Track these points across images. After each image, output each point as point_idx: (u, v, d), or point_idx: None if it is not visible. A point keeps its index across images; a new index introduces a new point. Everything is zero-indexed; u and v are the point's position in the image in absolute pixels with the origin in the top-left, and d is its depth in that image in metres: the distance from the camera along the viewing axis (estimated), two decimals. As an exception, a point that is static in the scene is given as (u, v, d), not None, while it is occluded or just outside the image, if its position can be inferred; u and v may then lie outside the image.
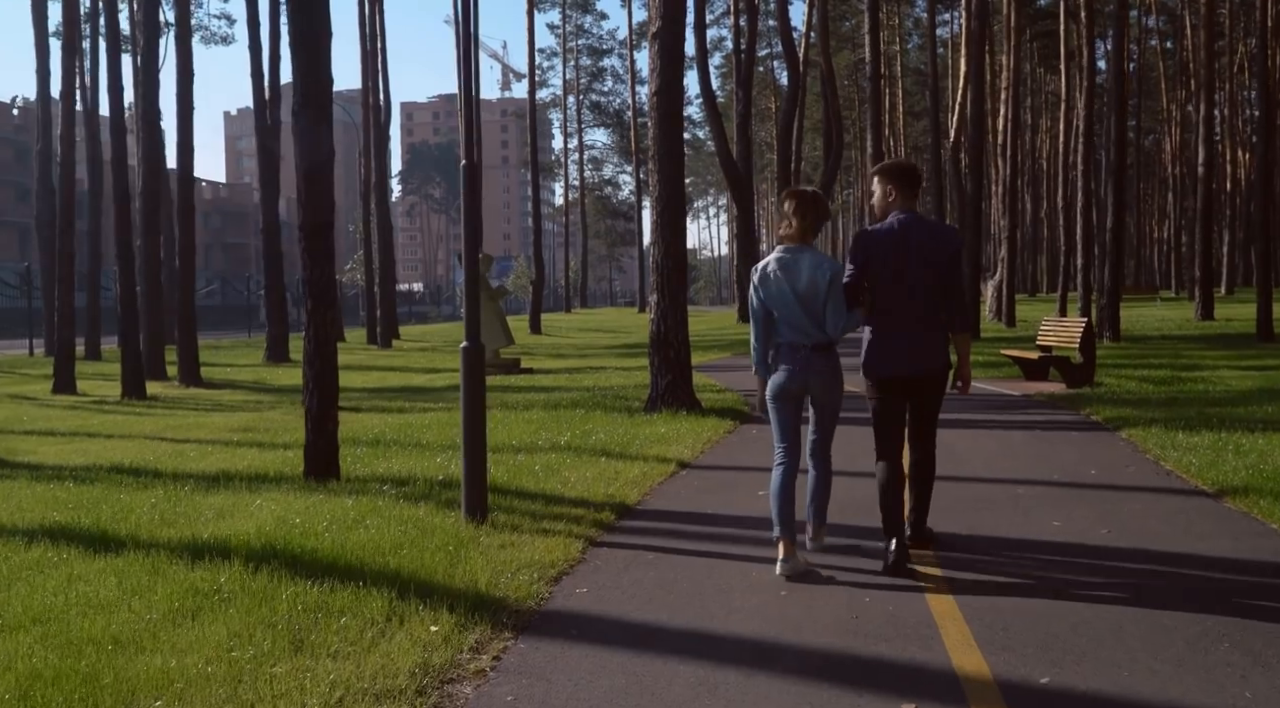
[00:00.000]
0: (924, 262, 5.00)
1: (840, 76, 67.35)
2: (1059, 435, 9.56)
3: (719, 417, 11.56)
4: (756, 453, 9.09)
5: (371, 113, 36.58)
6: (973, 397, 13.91)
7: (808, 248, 5.17)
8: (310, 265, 7.91)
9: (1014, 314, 33.10)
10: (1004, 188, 33.73)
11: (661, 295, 12.40)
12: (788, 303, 5.09)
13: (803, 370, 5.13)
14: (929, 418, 5.27)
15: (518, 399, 14.49)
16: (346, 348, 35.46)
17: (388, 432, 11.44)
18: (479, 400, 6.37)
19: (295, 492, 7.42)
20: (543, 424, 11.38)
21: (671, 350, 12.35)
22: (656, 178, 12.42)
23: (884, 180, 5.22)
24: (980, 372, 16.94)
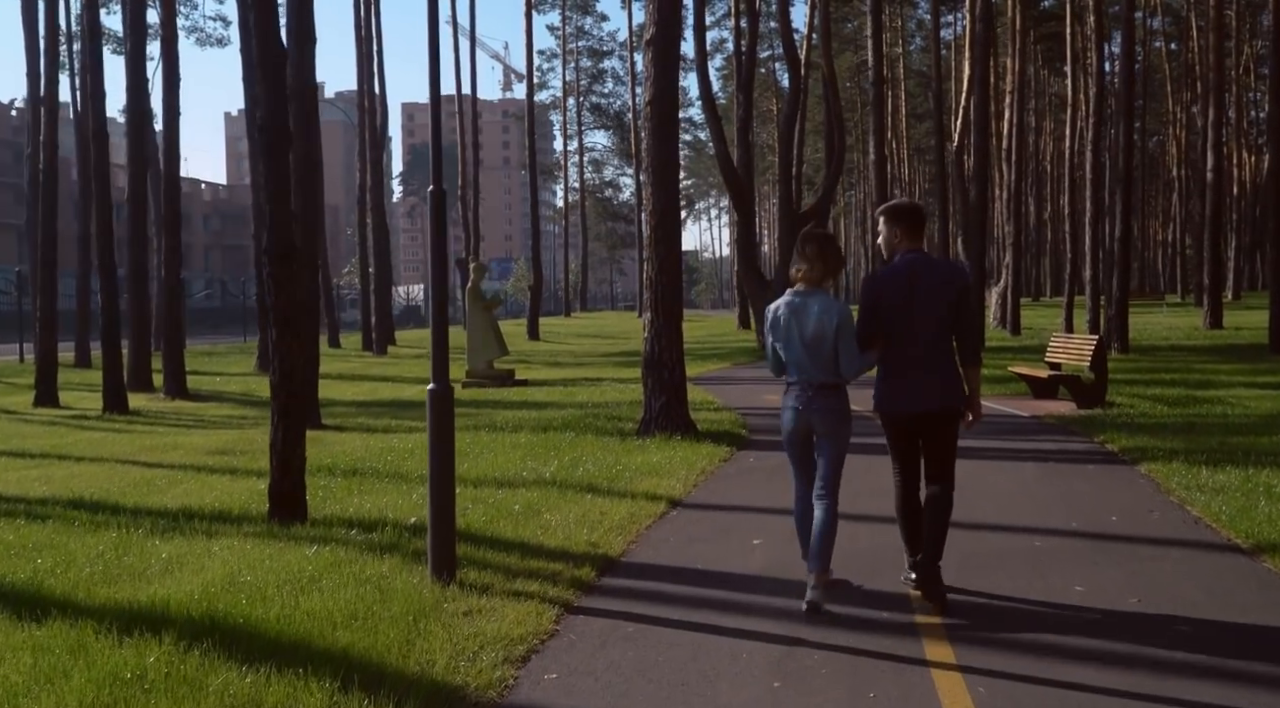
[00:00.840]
0: (932, 300, 5.07)
1: (842, 78, 66.80)
2: (1074, 470, 9.02)
3: (714, 442, 11.03)
4: (752, 487, 8.57)
5: (367, 116, 36.01)
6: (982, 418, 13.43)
7: (819, 292, 5.21)
8: (276, 292, 7.38)
9: (1019, 322, 32.58)
10: (1008, 193, 33.20)
11: (655, 314, 11.88)
12: (794, 346, 5.19)
13: (806, 409, 5.20)
14: (945, 455, 5.25)
15: (508, 418, 13.97)
16: (341, 355, 34.98)
17: (368, 457, 10.91)
18: (447, 450, 5.84)
19: (255, 537, 6.90)
20: (530, 450, 10.86)
21: (666, 372, 11.83)
22: (651, 190, 11.90)
23: (890, 221, 5.27)
24: (987, 388, 16.40)
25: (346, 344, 38.73)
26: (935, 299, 5.07)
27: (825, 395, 5.18)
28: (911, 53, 73.55)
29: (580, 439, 11.60)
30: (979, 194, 26.79)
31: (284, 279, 7.38)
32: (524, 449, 10.99)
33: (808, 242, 5.26)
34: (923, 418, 5.17)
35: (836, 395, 5.22)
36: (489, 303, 21.40)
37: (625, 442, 11.29)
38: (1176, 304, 48.67)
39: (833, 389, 5.20)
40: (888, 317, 5.15)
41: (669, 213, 11.87)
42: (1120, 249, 21.79)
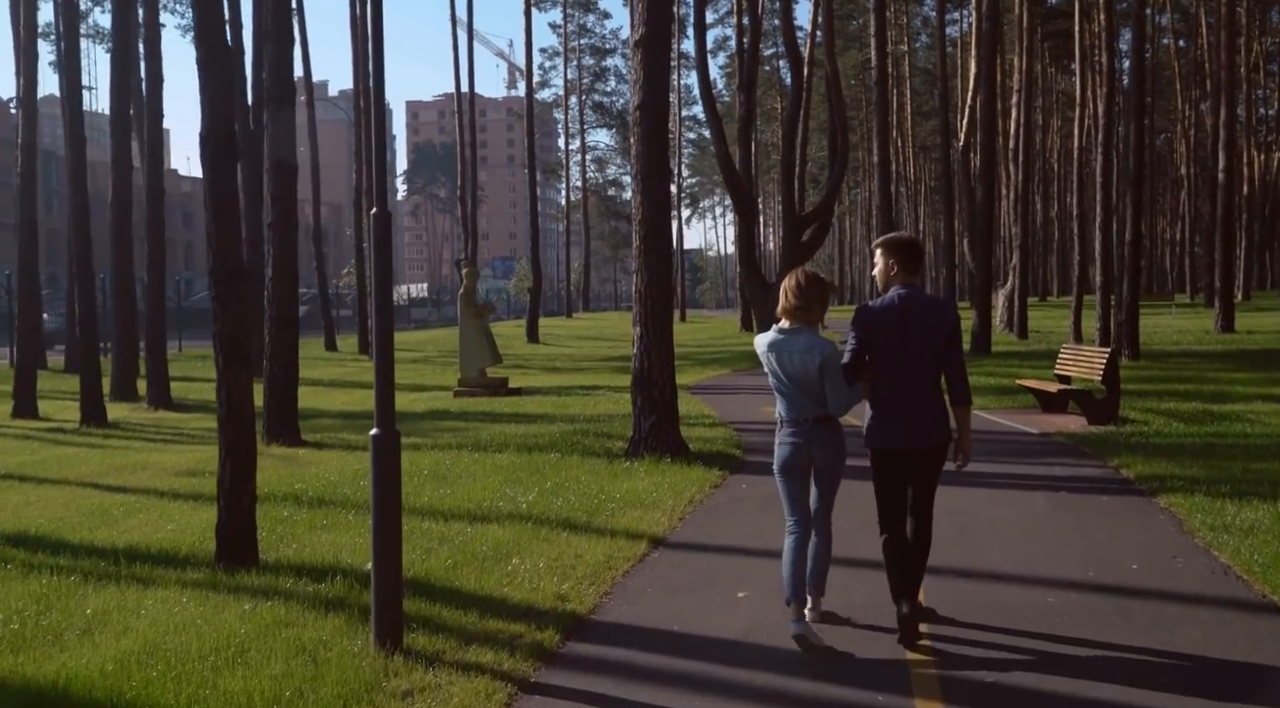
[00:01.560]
0: (924, 336, 5.07)
1: (847, 77, 66.16)
2: (1087, 502, 8.41)
3: (706, 465, 10.43)
4: (742, 521, 7.97)
5: (364, 114, 35.40)
6: (989, 436, 12.84)
7: (805, 329, 5.15)
8: (222, 316, 6.80)
9: (1026, 325, 31.93)
10: (1015, 193, 32.56)
11: (645, 328, 11.29)
12: (782, 382, 5.20)
13: (806, 443, 5.18)
14: (926, 492, 5.27)
15: (493, 435, 13.39)
16: (336, 359, 34.43)
17: (341, 480, 10.33)
18: (391, 507, 5.24)
19: (195, 587, 6.32)
20: (511, 474, 10.28)
21: (656, 390, 11.24)
22: (640, 199, 11.30)
23: (886, 254, 5.25)
24: (993, 399, 15.82)
25: (343, 347, 38.17)
26: (928, 336, 5.06)
27: (824, 429, 5.17)
28: (917, 50, 72.92)
29: (566, 461, 11.02)
30: (985, 194, 26.18)
31: (231, 301, 6.80)
32: (505, 473, 10.41)
33: (797, 277, 5.19)
34: (913, 454, 5.15)
35: (834, 428, 5.22)
36: (481, 309, 20.82)
37: (613, 464, 10.70)
38: (1185, 304, 47.96)
39: (829, 423, 5.19)
40: (879, 351, 5.13)
41: (659, 223, 11.28)
42: (1130, 252, 21.15)
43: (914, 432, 5.10)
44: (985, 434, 12.57)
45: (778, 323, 5.20)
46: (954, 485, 9.13)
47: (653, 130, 11.20)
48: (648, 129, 11.19)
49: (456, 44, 42.80)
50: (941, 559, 6.57)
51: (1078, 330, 29.26)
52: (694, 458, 10.88)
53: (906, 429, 5.10)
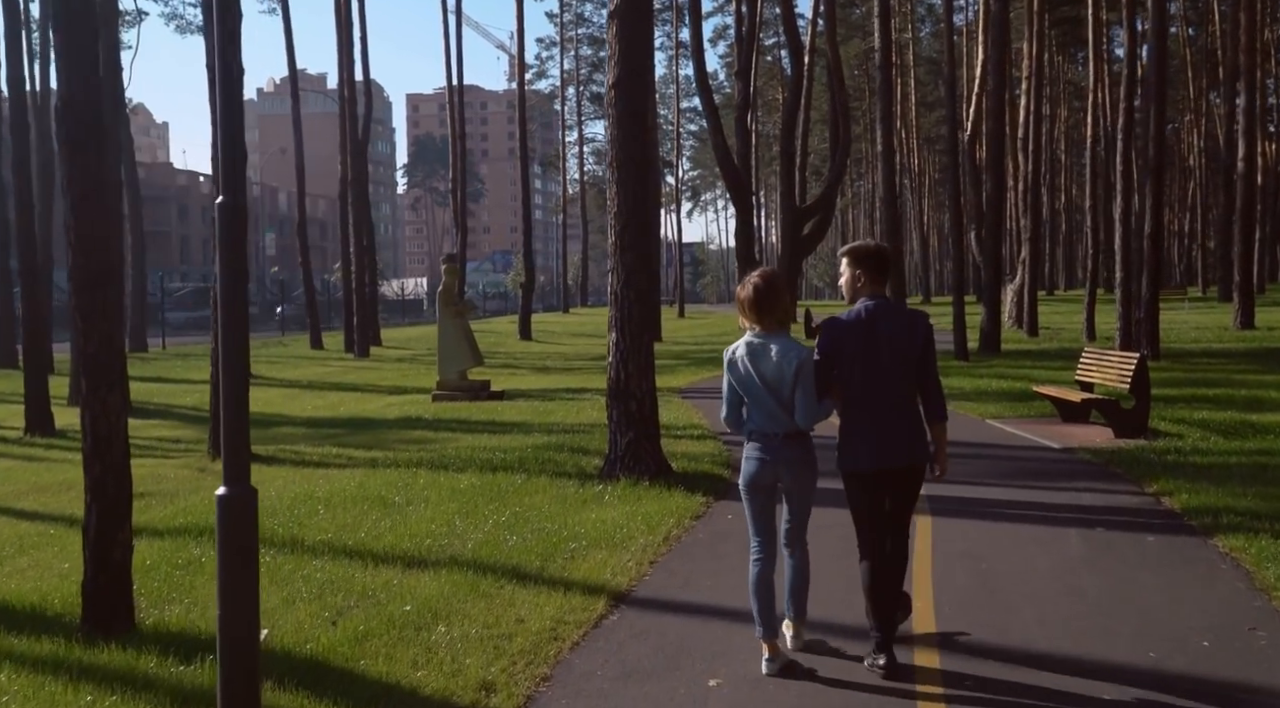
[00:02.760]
0: (894, 350, 4.85)
1: (850, 66, 64.85)
2: (1130, 544, 7.15)
3: (688, 490, 9.20)
4: (723, 567, 6.75)
5: (348, 104, 34.20)
6: (1006, 450, 11.61)
7: (780, 333, 4.92)
8: (84, 330, 5.58)
9: (1036, 321, 30.68)
10: (1024, 185, 31.28)
11: (621, 334, 10.06)
12: (755, 390, 4.91)
13: (773, 460, 4.93)
14: (902, 512, 5.01)
15: (460, 450, 12.16)
16: (320, 358, 33.27)
17: (278, 507, 9.11)
18: (246, 591, 4.01)
19: (39, 667, 5.11)
20: (468, 501, 9.05)
21: (634, 403, 10.01)
22: (616, 189, 10.06)
23: (852, 263, 4.99)
24: (1008, 407, 14.58)
25: (329, 345, 36.99)
26: (898, 349, 4.85)
27: (793, 445, 4.91)
28: (922, 39, 71.61)
29: (532, 483, 9.79)
30: (994, 185, 24.91)
31: (94, 312, 5.58)
32: (462, 499, 9.19)
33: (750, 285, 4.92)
34: (890, 474, 4.90)
35: (804, 445, 4.96)
36: (461, 307, 19.59)
37: (584, 488, 9.48)
38: (1198, 299, 46.62)
39: (799, 438, 4.93)
40: (848, 366, 4.88)
41: (636, 216, 10.04)
42: (1150, 246, 19.87)
43: (888, 451, 4.84)
44: (1003, 450, 11.33)
45: (749, 330, 4.95)
46: (973, 517, 7.91)
47: (630, 111, 9.96)
48: (624, 110, 9.95)
49: (448, 32, 41.53)
50: (965, 622, 5.37)
51: (1091, 327, 28.02)
52: (676, 480, 9.66)
53: (880, 449, 4.84)
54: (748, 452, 5.02)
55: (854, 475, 4.94)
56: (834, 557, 6.34)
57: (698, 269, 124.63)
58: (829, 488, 5.34)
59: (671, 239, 79.00)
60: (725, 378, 5.05)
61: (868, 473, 4.88)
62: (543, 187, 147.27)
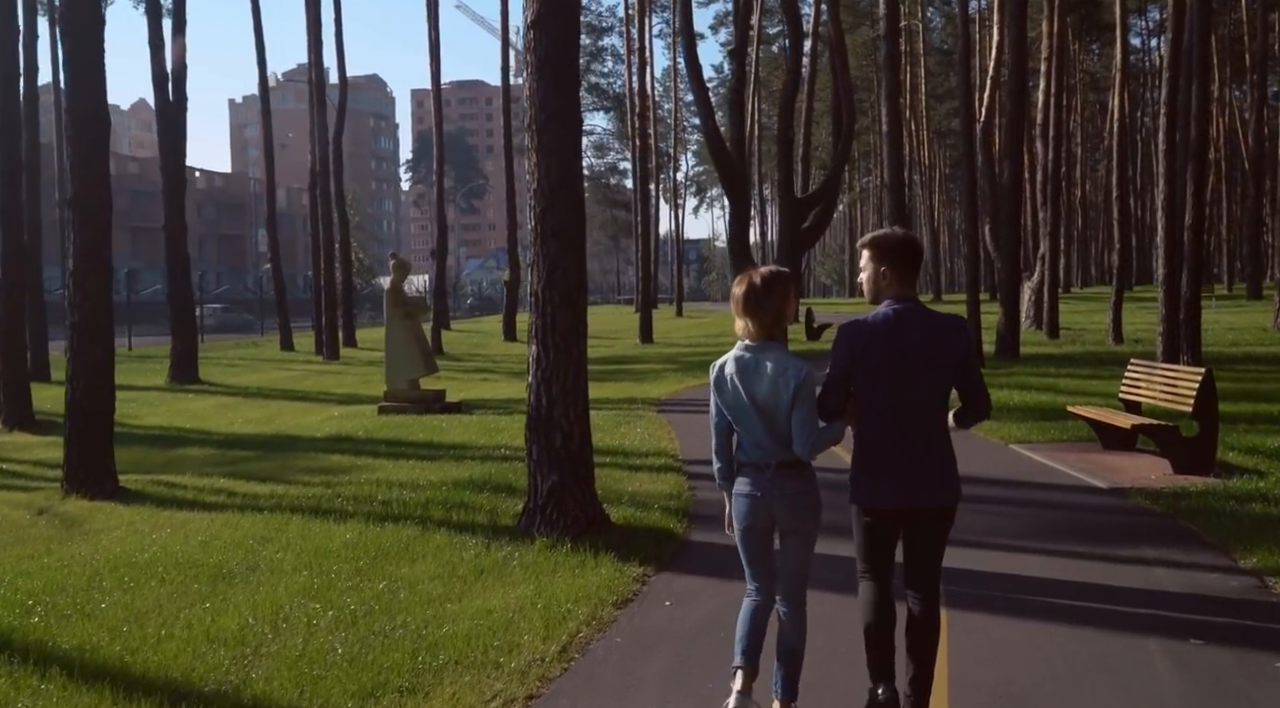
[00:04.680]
0: (927, 363, 3.95)
1: (857, 55, 62.43)
2: (1244, 666, 4.81)
3: (622, 555, 6.92)
4: (643, 697, 4.47)
5: (316, 90, 32.02)
6: (1039, 492, 9.21)
7: (773, 345, 4.11)
8: None
9: (1057, 322, 28.31)
10: (1044, 175, 28.91)
11: (541, 348, 7.77)
12: (746, 414, 4.13)
13: (766, 496, 4.13)
14: (932, 559, 4.10)
15: (361, 487, 9.91)
16: (285, 360, 31.10)
17: (65, 588, 6.86)
18: None
19: None
20: (322, 574, 6.78)
21: (558, 436, 7.71)
22: (536, 159, 7.76)
23: (875, 256, 4.07)
24: (1035, 428, 12.24)
25: (300, 346, 34.80)
26: (932, 363, 3.97)
27: (790, 477, 4.11)
28: (932, 28, 69.14)
29: (423, 542, 7.52)
30: (1012, 174, 22.56)
31: None
32: (322, 567, 6.94)
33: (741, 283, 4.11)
34: (911, 516, 4.05)
35: (803, 477, 4.14)
36: (412, 308, 17.34)
37: (486, 551, 7.21)
38: (1224, 296, 44.13)
39: (797, 469, 4.12)
40: (868, 382, 4.01)
41: (564, 193, 7.74)
42: (1192, 238, 17.50)
43: (912, 487, 4.01)
44: (1035, 490, 9.01)
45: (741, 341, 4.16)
46: (1004, 611, 5.57)
47: (554, 57, 7.67)
48: (546, 55, 7.65)
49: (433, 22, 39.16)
50: None
51: (1117, 329, 25.68)
52: (610, 538, 7.38)
53: (902, 484, 4.01)
54: (737, 487, 4.25)
55: (867, 513, 4.11)
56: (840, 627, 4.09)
57: (702, 266, 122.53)
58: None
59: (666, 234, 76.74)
60: (712, 400, 4.27)
61: (884, 512, 4.08)
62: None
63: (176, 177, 23.59)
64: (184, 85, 23.84)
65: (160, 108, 23.59)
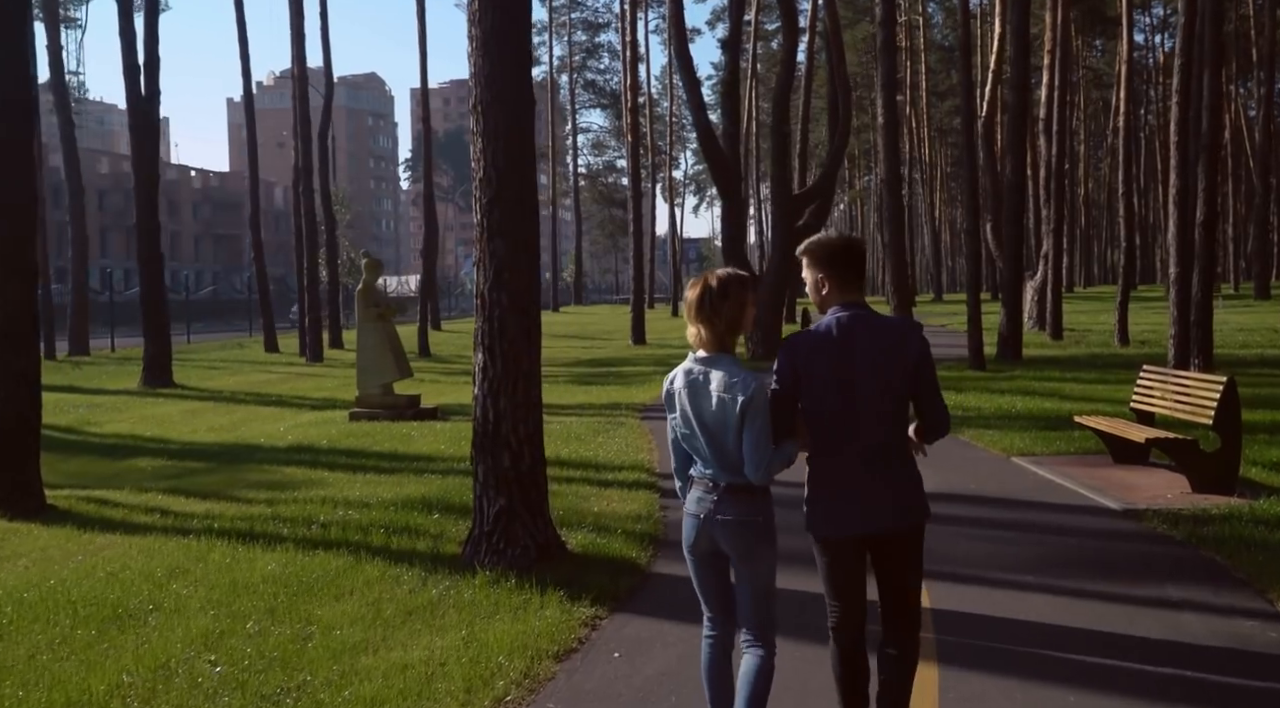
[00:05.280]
0: (877, 373, 3.68)
1: (859, 51, 61.52)
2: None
3: (571, 594, 6.08)
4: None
5: (298, 84, 31.21)
6: (1045, 514, 8.11)
7: (723, 357, 3.75)
8: None
9: (1060, 322, 27.47)
10: (1047, 171, 28.07)
11: (489, 356, 6.93)
12: (694, 432, 3.77)
13: (707, 520, 3.75)
14: (906, 586, 3.76)
15: (309, 502, 9.10)
16: (267, 362, 30.32)
17: (14, 596, 6.05)
18: None
19: None
20: (230, 615, 5.96)
21: (506, 455, 6.89)
22: (481, 144, 6.93)
23: (812, 265, 3.83)
24: (1040, 439, 11.39)
25: (285, 347, 34.01)
26: (882, 372, 3.68)
27: (734, 502, 3.71)
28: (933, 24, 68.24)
29: (354, 574, 6.69)
30: (1014, 167, 21.72)
31: None
32: (234, 605, 6.12)
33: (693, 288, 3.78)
34: (875, 543, 3.74)
35: (751, 502, 3.71)
36: (384, 309, 16.50)
37: (421, 587, 6.38)
38: (1230, 295, 43.26)
39: (745, 493, 3.71)
40: (815, 398, 3.72)
41: (513, 185, 6.90)
42: (1204, 235, 16.64)
43: (873, 512, 3.69)
44: (1040, 512, 8.16)
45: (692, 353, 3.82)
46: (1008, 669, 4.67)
47: (499, 30, 6.82)
48: (490, 28, 6.81)
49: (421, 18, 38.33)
50: None
51: (1123, 330, 24.84)
52: (562, 571, 6.55)
53: (863, 509, 3.69)
54: (686, 504, 3.91)
55: (827, 544, 3.81)
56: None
57: (702, 265, 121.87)
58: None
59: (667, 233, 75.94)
60: (668, 418, 3.94)
61: (844, 541, 3.77)
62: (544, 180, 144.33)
63: (150, 173, 22.73)
64: (157, 77, 23.00)
65: (132, 101, 22.76)
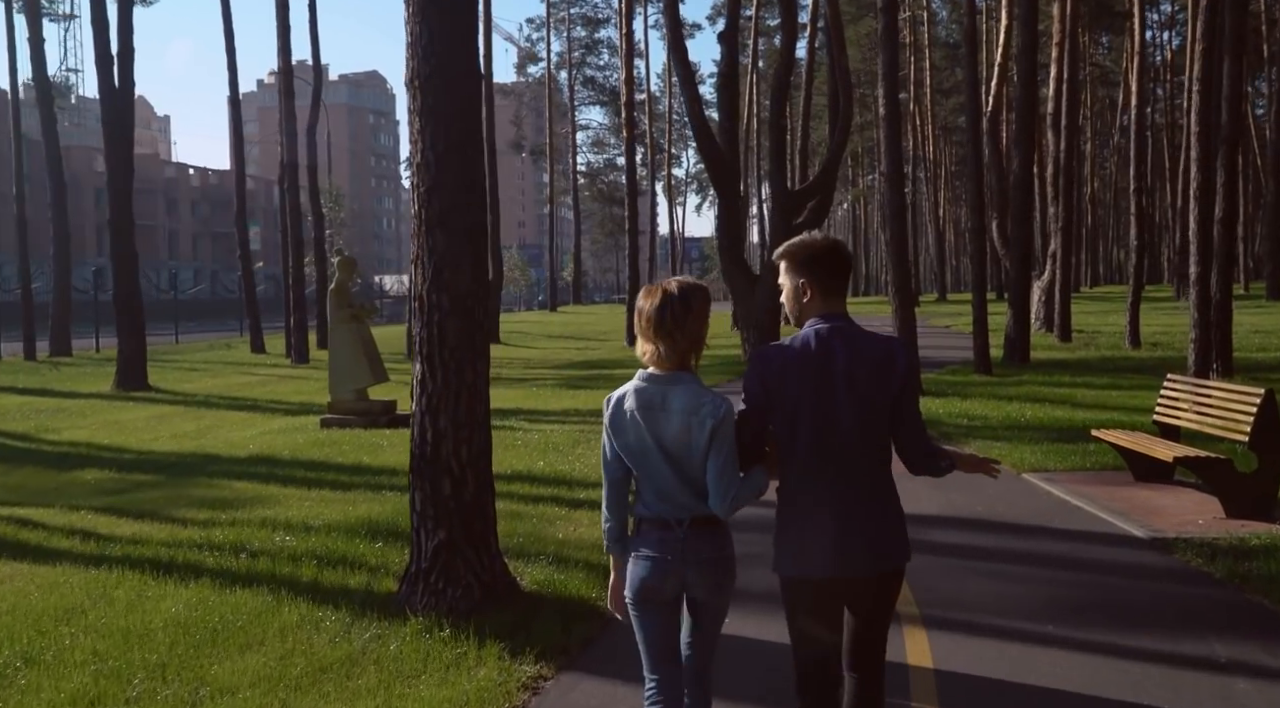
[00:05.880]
0: (857, 395, 3.26)
1: (862, 47, 60.58)
2: None
3: (514, 648, 5.20)
4: None
5: (283, 78, 30.35)
6: (1063, 543, 5.88)
7: (684, 376, 3.33)
8: None
9: (1069, 324, 26.54)
10: (1055, 167, 27.15)
11: (428, 366, 6.05)
12: (650, 460, 3.33)
13: (677, 560, 3.33)
14: (875, 635, 3.41)
15: (236, 529, 8.24)
16: (252, 364, 29.51)
17: None
18: None
19: None
20: (109, 674, 5.09)
21: (448, 481, 6.00)
22: (419, 124, 6.05)
23: (792, 269, 3.40)
24: (1053, 453, 10.47)
25: (272, 348, 33.14)
26: (863, 395, 3.26)
27: (706, 538, 3.34)
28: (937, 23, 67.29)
29: (271, 616, 5.83)
30: (1022, 162, 20.83)
31: None
32: (121, 657, 5.27)
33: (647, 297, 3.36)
34: (849, 586, 3.30)
35: (721, 536, 3.39)
36: (359, 310, 15.63)
37: (345, 636, 5.51)
38: (1241, 295, 42.28)
39: (713, 527, 3.36)
40: (787, 421, 3.28)
41: (456, 167, 6.01)
42: (1223, 234, 15.73)
43: (851, 552, 3.24)
44: (1057, 541, 7.27)
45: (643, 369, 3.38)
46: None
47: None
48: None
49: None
50: None
51: (1135, 332, 23.93)
52: (509, 615, 5.67)
53: (839, 548, 3.24)
54: (637, 549, 3.37)
55: (796, 585, 3.32)
56: None
57: (705, 265, 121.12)
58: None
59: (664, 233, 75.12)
60: (605, 443, 3.41)
61: (817, 584, 3.28)
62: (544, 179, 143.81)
63: (123, 168, 21.88)
64: (131, 67, 22.15)
65: (104, 92, 21.90)
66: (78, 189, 78.84)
